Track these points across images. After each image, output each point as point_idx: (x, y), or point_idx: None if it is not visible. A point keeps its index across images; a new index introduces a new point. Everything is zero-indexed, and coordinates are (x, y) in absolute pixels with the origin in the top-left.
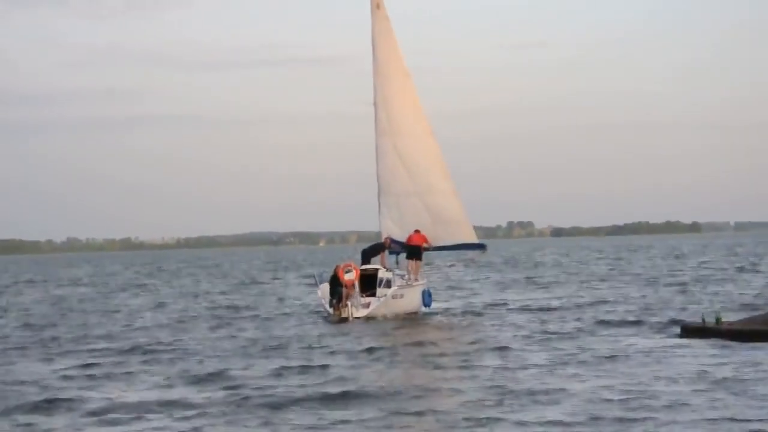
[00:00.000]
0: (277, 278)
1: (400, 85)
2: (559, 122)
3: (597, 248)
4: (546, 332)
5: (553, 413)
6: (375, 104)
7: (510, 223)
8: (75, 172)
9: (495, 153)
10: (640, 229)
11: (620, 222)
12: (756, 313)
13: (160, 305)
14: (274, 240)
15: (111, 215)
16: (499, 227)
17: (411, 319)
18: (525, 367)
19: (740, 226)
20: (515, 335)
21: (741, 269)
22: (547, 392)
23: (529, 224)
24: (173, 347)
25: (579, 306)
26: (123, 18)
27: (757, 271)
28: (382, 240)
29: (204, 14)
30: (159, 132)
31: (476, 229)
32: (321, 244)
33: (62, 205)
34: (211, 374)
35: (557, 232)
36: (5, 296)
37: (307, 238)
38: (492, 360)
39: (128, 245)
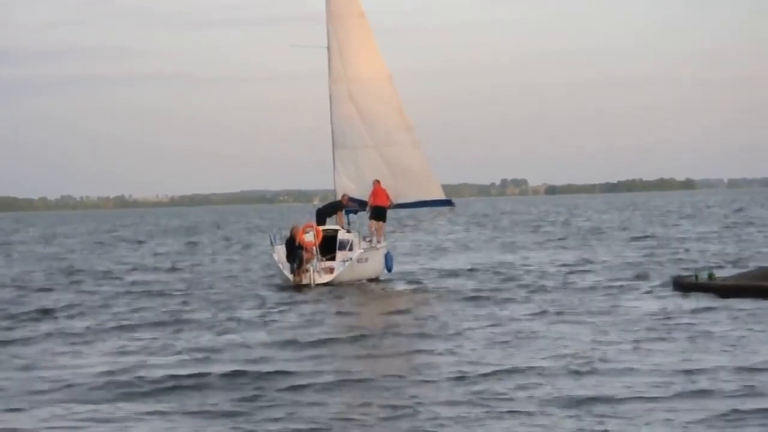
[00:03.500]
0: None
1: (355, 26)
2: (553, 79)
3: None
4: (538, 290)
5: (556, 369)
6: (328, 48)
7: (504, 181)
8: (69, 129)
9: (487, 111)
10: (634, 186)
11: (614, 179)
12: (748, 269)
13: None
14: (268, 198)
15: (105, 173)
16: (492, 185)
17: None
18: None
19: (733, 183)
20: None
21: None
22: (546, 349)
23: (523, 182)
24: None
25: (573, 263)
26: None
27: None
28: (340, 198)
29: None
30: (153, 89)
31: (469, 186)
32: (315, 202)
33: (56, 162)
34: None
35: (551, 190)
36: None
37: (302, 196)
38: (485, 324)
39: (122, 203)
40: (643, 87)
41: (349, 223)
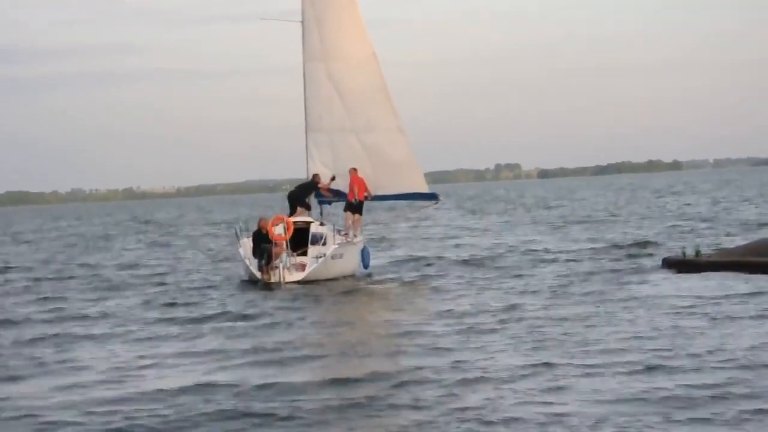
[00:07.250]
0: None
1: (340, 1)
2: (544, 67)
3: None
4: (524, 277)
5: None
6: (303, 22)
7: (498, 166)
8: (78, 125)
9: (481, 99)
10: (623, 168)
11: (604, 162)
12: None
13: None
14: (271, 187)
15: (113, 166)
16: (487, 170)
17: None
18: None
19: (719, 164)
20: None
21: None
22: (533, 330)
23: (517, 166)
24: None
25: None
26: None
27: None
28: (313, 178)
29: None
30: (157, 84)
31: (465, 172)
32: None
33: (66, 157)
34: None
35: (544, 174)
36: None
37: None
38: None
39: (130, 195)
40: (630, 73)
41: (321, 214)
